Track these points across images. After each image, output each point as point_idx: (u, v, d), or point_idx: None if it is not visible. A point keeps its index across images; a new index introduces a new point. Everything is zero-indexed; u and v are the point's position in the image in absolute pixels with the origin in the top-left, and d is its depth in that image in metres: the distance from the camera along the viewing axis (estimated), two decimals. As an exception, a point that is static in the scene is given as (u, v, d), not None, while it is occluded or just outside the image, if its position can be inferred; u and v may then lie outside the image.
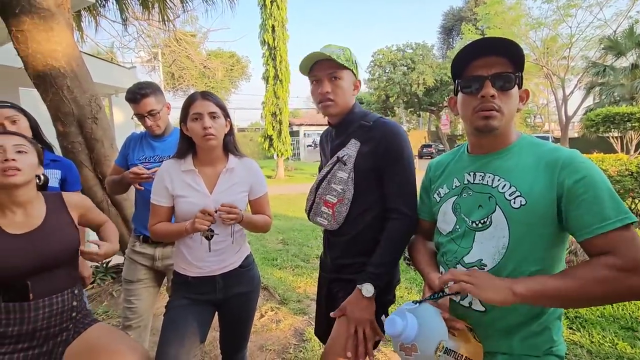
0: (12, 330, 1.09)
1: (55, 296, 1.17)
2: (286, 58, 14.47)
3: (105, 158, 2.82)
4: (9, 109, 1.50)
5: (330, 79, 1.21)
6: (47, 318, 1.14)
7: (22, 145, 1.13)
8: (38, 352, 1.14)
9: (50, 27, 2.56)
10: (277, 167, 15.70)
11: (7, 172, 1.07)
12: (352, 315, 1.15)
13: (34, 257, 1.11)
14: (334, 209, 1.23)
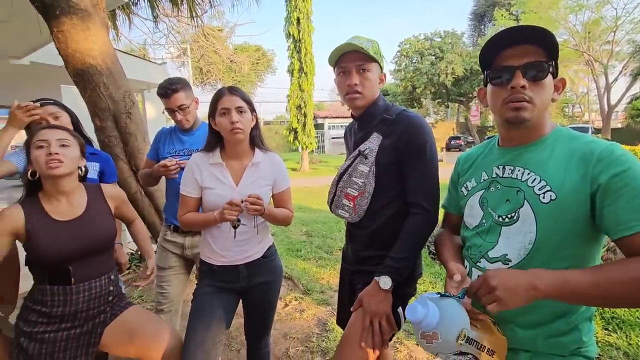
0: (56, 311, 1.19)
1: (94, 281, 1.26)
2: (311, 50, 14.44)
3: (139, 151, 2.95)
4: (52, 106, 1.61)
5: (358, 71, 1.20)
6: (87, 301, 1.24)
7: (66, 139, 1.21)
8: (79, 331, 1.24)
9: (87, 26, 2.69)
10: (302, 159, 15.81)
11: (50, 164, 1.15)
12: (368, 308, 1.16)
13: (77, 244, 1.20)
14: (354, 202, 1.24)
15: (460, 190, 1.08)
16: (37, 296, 1.18)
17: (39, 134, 1.18)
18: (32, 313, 1.18)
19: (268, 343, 1.66)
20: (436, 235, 1.22)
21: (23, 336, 1.17)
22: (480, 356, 0.86)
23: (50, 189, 1.21)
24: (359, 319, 1.20)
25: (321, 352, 2.21)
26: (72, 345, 1.22)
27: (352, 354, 1.16)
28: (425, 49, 24.98)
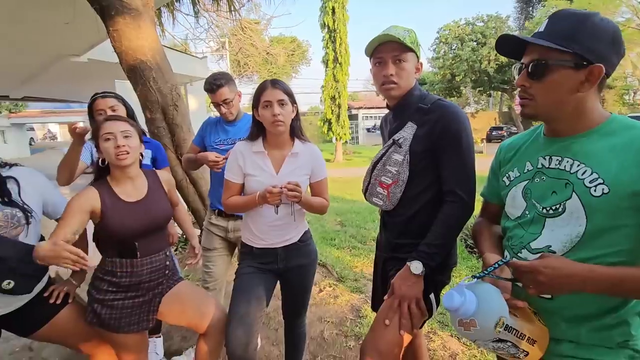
0: (124, 281, 1.34)
1: (154, 255, 1.40)
2: (346, 40, 14.30)
3: (184, 141, 3.15)
4: (112, 99, 1.78)
5: (394, 62, 1.21)
6: (149, 273, 1.38)
7: (128, 131, 1.34)
8: (142, 300, 1.39)
9: (139, 25, 2.89)
10: (336, 150, 15.83)
11: (119, 156, 1.29)
12: (398, 291, 1.19)
13: (143, 222, 1.34)
14: (389, 190, 1.27)
15: (502, 180, 1.06)
16: (108, 268, 1.34)
17: (104, 127, 1.31)
18: (103, 282, 1.34)
19: (304, 323, 1.75)
20: (474, 225, 1.21)
21: (96, 302, 1.33)
22: (520, 344, 0.86)
23: (118, 175, 1.35)
24: (390, 301, 1.24)
25: (355, 336, 2.28)
26: (136, 312, 1.38)
27: (383, 336, 1.20)
28: (466, 34, 23.73)
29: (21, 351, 2.31)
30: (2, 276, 1.19)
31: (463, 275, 3.10)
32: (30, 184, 1.38)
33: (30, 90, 10.23)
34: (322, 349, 2.17)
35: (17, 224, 1.28)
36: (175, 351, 2.16)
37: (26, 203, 1.33)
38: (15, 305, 1.31)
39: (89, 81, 7.93)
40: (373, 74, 1.30)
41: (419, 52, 1.26)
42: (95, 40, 5.40)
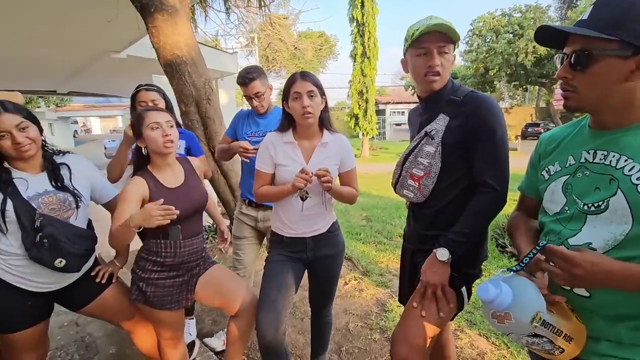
0: (167, 261, 1.43)
1: (194, 238, 1.48)
2: (375, 34, 14.08)
3: (216, 134, 3.25)
4: (154, 92, 1.87)
5: (440, 52, 1.19)
6: (189, 254, 1.46)
7: (171, 121, 1.42)
8: (181, 280, 1.47)
9: (175, 21, 3.00)
10: (362, 145, 15.72)
11: (166, 144, 1.37)
12: (424, 277, 1.20)
13: (185, 206, 1.41)
14: (420, 182, 1.26)
15: (541, 173, 1.02)
16: (152, 249, 1.42)
17: (150, 116, 1.39)
18: (148, 262, 1.43)
19: (330, 313, 1.78)
20: (510, 219, 1.18)
21: (141, 281, 1.42)
22: (557, 340, 0.84)
23: (159, 162, 1.43)
24: (419, 290, 1.24)
25: (380, 329, 2.29)
26: (176, 291, 1.46)
27: (411, 327, 1.21)
28: (501, 26, 22.63)
29: (69, 326, 2.51)
30: (55, 255, 1.30)
31: (493, 273, 3.02)
32: (80, 170, 1.49)
33: (74, 85, 10.90)
34: (347, 340, 2.19)
35: (68, 207, 1.39)
36: (207, 333, 2.26)
37: (76, 188, 1.43)
38: (66, 282, 1.43)
39: (128, 76, 8.33)
40: (414, 63, 1.25)
41: (456, 42, 1.24)
42: (133, 37, 5.67)
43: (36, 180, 1.35)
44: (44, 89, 12.20)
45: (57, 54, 6.48)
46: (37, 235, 1.27)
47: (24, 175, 1.33)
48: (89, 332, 2.43)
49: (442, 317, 1.21)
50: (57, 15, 4.62)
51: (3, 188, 1.27)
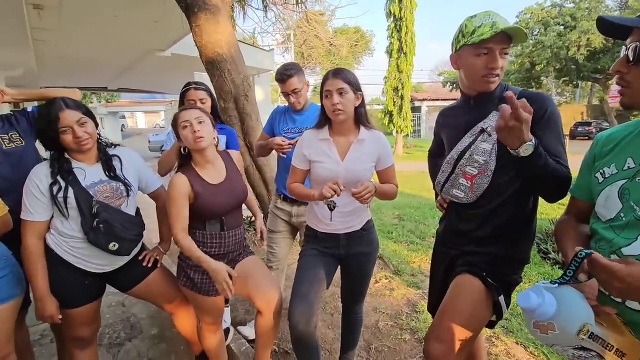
0: (214, 251, 1.51)
1: (236, 229, 1.56)
2: (412, 29, 13.71)
3: (253, 130, 3.34)
4: (203, 92, 1.94)
5: (502, 54, 1.16)
6: (232, 245, 1.55)
7: (201, 117, 1.47)
8: None
9: (217, 20, 3.11)
10: (396, 143, 15.42)
11: (197, 141, 1.43)
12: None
13: (228, 200, 1.49)
14: (473, 181, 1.23)
15: (595, 175, 0.95)
16: (199, 239, 1.50)
17: (181, 117, 1.46)
18: None
19: (362, 310, 1.79)
20: (558, 223, 1.12)
21: (189, 268, 1.52)
22: (607, 355, 0.79)
23: (199, 159, 1.51)
24: (458, 290, 1.21)
25: (410, 330, 2.25)
26: None
27: (447, 327, 1.18)
28: (551, 18, 21.12)
29: (116, 306, 2.71)
30: (110, 239, 1.41)
31: (533, 281, 2.86)
32: (130, 162, 1.60)
33: (123, 82, 11.64)
34: (377, 339, 2.18)
35: (120, 195, 1.50)
36: (240, 322, 2.35)
37: (127, 178, 1.54)
38: (117, 265, 1.54)
39: (171, 74, 8.77)
40: (472, 63, 1.18)
41: None
42: (177, 36, 5.95)
43: (92, 170, 1.47)
44: (96, 85, 13.14)
45: (109, 53, 6.95)
46: (95, 220, 1.38)
47: (82, 165, 1.46)
48: (134, 313, 2.62)
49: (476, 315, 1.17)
50: (109, 17, 4.95)
51: (65, 177, 1.40)
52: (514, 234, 1.25)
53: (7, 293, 1.35)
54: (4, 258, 1.36)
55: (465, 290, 1.22)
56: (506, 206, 1.21)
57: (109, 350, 2.22)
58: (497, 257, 1.24)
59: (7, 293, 1.35)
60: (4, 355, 1.39)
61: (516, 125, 0.97)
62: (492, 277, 1.20)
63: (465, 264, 1.25)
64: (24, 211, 1.39)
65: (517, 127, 0.97)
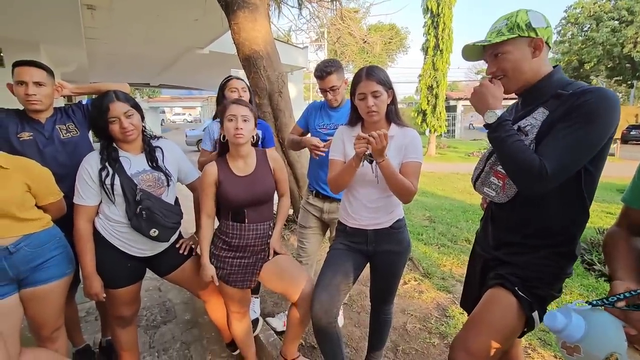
0: (234, 242, 1.57)
1: (260, 224, 1.59)
2: (450, 25, 13.25)
3: (285, 126, 3.39)
4: (242, 82, 2.06)
5: (494, 58, 1.14)
6: (254, 238, 1.58)
7: (247, 115, 1.52)
8: (247, 262, 1.60)
9: (255, 18, 3.17)
10: (429, 143, 14.99)
11: (237, 137, 1.49)
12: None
13: (249, 193, 1.54)
14: (505, 181, 1.16)
15: None
16: (223, 229, 1.58)
17: (230, 109, 1.52)
18: (219, 240, 1.59)
19: (390, 311, 1.76)
20: (608, 235, 1.04)
21: (213, 257, 1.59)
22: None
23: (234, 152, 1.57)
24: (490, 302, 1.16)
25: (439, 334, 2.20)
26: (241, 271, 1.60)
27: (475, 337, 1.13)
28: (605, 12, 19.63)
29: (153, 290, 2.86)
30: (151, 225, 1.49)
31: (575, 293, 2.69)
32: (171, 153, 1.67)
33: (164, 78, 12.20)
34: (404, 340, 2.15)
35: (161, 185, 1.58)
36: (268, 313, 2.40)
37: (167, 169, 1.62)
38: (157, 250, 1.63)
39: (208, 70, 9.08)
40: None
41: (529, 30, 1.08)
42: (215, 34, 6.14)
43: (137, 159, 1.56)
44: (139, 81, 13.89)
45: (152, 50, 7.30)
46: (138, 207, 1.47)
47: (127, 155, 1.55)
48: (169, 298, 2.75)
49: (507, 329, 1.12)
50: (153, 16, 5.20)
51: (112, 164, 1.49)
52: (551, 245, 1.13)
53: (60, 271, 1.47)
54: (57, 239, 1.48)
55: (496, 303, 1.16)
56: (542, 213, 1.11)
57: (146, 332, 2.35)
58: (529, 269, 1.15)
59: (60, 271, 1.47)
60: (57, 327, 1.51)
61: (482, 90, 1.12)
62: (525, 291, 1.13)
63: (496, 277, 1.19)
64: (76, 196, 1.50)
65: (483, 92, 1.11)
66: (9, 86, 1.63)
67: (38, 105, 1.62)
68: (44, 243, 1.43)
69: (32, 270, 1.39)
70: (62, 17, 4.22)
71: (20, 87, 1.58)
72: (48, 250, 1.44)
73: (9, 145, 1.58)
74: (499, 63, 1.12)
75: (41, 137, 1.64)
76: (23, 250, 1.36)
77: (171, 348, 2.20)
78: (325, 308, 1.44)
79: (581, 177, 1.05)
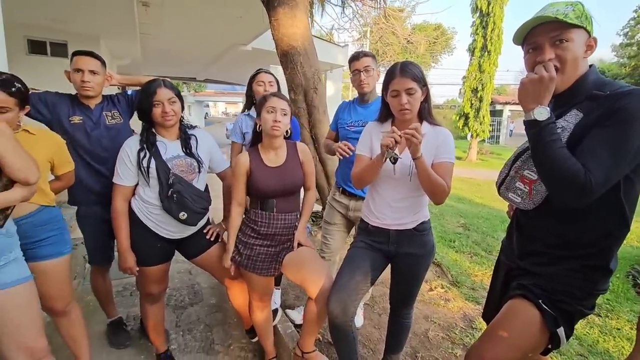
0: (262, 230, 1.61)
1: (287, 214, 1.62)
2: (500, 25, 12.59)
3: (319, 122, 3.40)
4: (270, 75, 2.11)
5: (553, 43, 0.99)
6: (281, 228, 1.61)
7: (285, 109, 1.55)
8: (272, 250, 1.63)
9: (294, 14, 3.22)
10: (470, 148, 14.38)
11: (274, 129, 1.52)
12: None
13: (278, 184, 1.57)
14: (531, 187, 1.08)
15: None
16: (252, 217, 1.62)
17: (271, 101, 1.55)
18: (248, 228, 1.63)
19: (410, 315, 1.71)
20: None
21: (240, 243, 1.64)
22: None
23: (267, 143, 1.61)
24: (510, 314, 1.08)
25: (463, 346, 2.10)
26: (266, 259, 1.63)
27: (492, 348, 1.07)
28: (683, 12, 17.62)
29: (184, 273, 3.01)
30: (180, 208, 1.57)
31: (623, 319, 2.45)
32: (204, 142, 1.74)
33: (209, 73, 12.74)
34: (424, 348, 2.08)
35: (192, 171, 1.65)
36: (289, 306, 2.43)
37: (200, 156, 1.69)
38: (185, 233, 1.71)
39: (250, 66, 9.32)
40: (525, 61, 1.07)
41: (590, 25, 0.99)
42: (258, 31, 6.31)
43: (172, 145, 1.64)
44: (187, 76, 14.62)
45: (198, 46, 7.66)
46: (169, 190, 1.55)
47: (164, 140, 1.64)
48: (197, 282, 2.88)
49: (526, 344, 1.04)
50: (201, 13, 5.44)
51: (149, 148, 1.58)
52: (581, 257, 1.04)
53: (56, 250, 1.52)
54: (57, 220, 1.55)
55: (516, 315, 1.08)
56: (572, 222, 1.02)
57: (174, 311, 2.47)
58: (556, 281, 1.06)
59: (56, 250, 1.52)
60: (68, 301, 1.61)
61: (538, 80, 0.96)
62: (550, 304, 1.04)
63: (518, 287, 1.11)
64: (116, 175, 1.61)
65: (538, 83, 0.96)
66: (66, 73, 1.79)
67: (91, 92, 1.77)
68: (45, 223, 1.49)
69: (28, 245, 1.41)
70: (120, 13, 4.55)
71: (77, 74, 1.74)
72: (45, 231, 1.48)
73: (60, 126, 1.74)
74: (560, 50, 0.99)
75: (89, 121, 1.78)
76: (22, 227, 1.37)
77: (195, 329, 2.30)
78: (342, 306, 1.43)
79: (620, 185, 0.95)
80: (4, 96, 1.26)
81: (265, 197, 1.59)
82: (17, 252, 1.27)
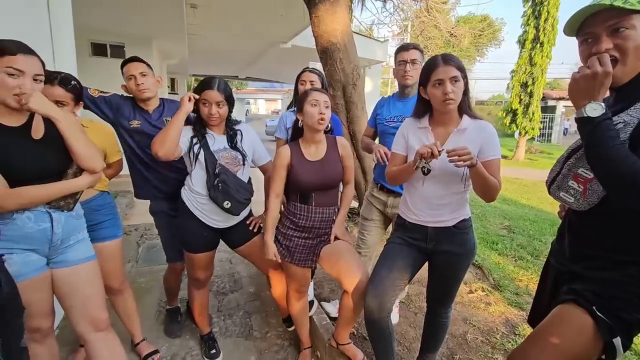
0: (301, 222, 1.66)
1: (325, 208, 1.66)
2: (555, 14, 11.66)
3: (357, 119, 3.40)
4: (315, 75, 2.13)
5: (611, 33, 0.92)
6: (320, 221, 1.66)
7: (328, 102, 1.59)
8: (310, 243, 1.68)
9: (335, 10, 3.23)
10: (517, 147, 13.51)
11: (320, 122, 1.56)
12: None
13: (317, 177, 1.61)
14: (586, 186, 1.00)
15: None
16: (291, 209, 1.68)
17: (313, 94, 1.59)
18: (287, 220, 1.70)
19: (447, 315, 1.68)
20: None
21: (279, 234, 1.71)
22: None
23: (308, 137, 1.65)
24: (560, 320, 1.03)
25: (504, 352, 2.01)
26: (305, 251, 1.69)
27: (537, 355, 1.02)
28: None
29: (224, 262, 3.16)
30: (225, 197, 1.66)
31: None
32: (248, 137, 1.82)
33: (250, 71, 13.12)
34: (462, 350, 2.02)
35: (237, 163, 1.74)
36: (324, 299, 2.47)
37: (244, 149, 1.77)
38: (230, 223, 1.81)
39: (289, 64, 9.49)
40: (580, 52, 1.00)
41: None
42: (298, 29, 6.39)
43: (219, 139, 1.74)
44: (230, 74, 15.16)
45: (241, 44, 7.92)
46: (216, 179, 1.64)
47: (212, 133, 1.73)
48: (237, 271, 3.02)
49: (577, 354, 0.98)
50: (244, 13, 5.62)
51: (200, 139, 1.68)
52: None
53: (112, 232, 1.77)
54: (110, 205, 1.80)
55: (567, 322, 1.02)
56: (630, 225, 0.94)
57: (216, 297, 2.62)
58: (613, 287, 0.98)
59: (112, 232, 1.77)
60: (121, 280, 1.83)
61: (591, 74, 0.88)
62: (605, 311, 0.96)
63: (569, 292, 1.04)
64: None
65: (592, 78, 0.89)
66: (123, 87, 1.88)
67: (147, 93, 1.83)
68: (100, 207, 1.73)
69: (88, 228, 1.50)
70: (170, 15, 4.84)
71: (131, 81, 1.81)
72: (101, 215, 1.73)
73: (121, 128, 1.86)
74: (619, 39, 0.91)
75: (147, 125, 1.86)
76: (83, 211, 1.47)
77: (235, 314, 2.42)
78: (379, 302, 1.43)
79: None
80: (62, 92, 1.46)
81: (305, 190, 1.63)
82: (85, 233, 1.43)
